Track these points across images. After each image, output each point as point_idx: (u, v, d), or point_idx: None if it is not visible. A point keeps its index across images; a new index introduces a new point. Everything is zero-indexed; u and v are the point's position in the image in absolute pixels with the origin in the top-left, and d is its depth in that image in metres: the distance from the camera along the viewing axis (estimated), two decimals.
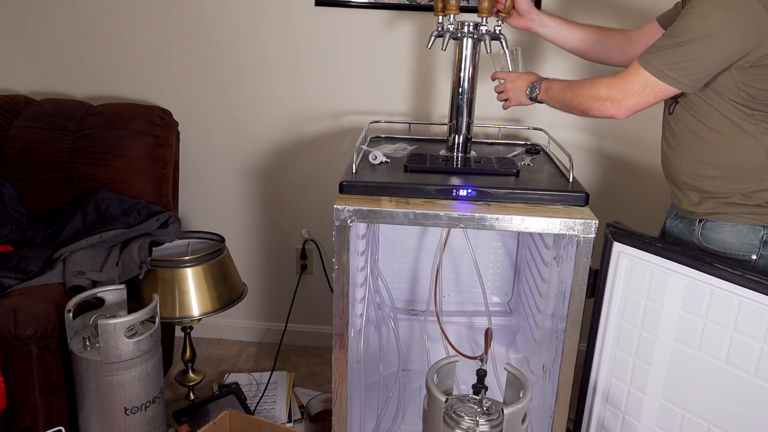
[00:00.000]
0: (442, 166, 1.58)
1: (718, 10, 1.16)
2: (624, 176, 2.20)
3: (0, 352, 1.55)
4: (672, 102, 1.37)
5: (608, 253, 1.37)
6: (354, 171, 1.48)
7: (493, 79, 1.63)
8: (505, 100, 1.60)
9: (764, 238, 1.28)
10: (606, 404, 1.46)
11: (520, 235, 1.95)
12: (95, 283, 1.71)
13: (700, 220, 1.35)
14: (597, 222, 1.33)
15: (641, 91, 1.26)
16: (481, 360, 1.25)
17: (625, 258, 1.35)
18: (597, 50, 1.64)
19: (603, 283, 1.39)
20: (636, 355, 1.37)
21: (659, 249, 1.28)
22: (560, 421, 1.48)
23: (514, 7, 1.62)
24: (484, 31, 1.58)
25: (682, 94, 1.31)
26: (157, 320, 1.64)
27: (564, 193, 1.41)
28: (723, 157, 1.29)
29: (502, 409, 1.16)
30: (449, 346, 1.78)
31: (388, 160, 1.60)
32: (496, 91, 1.62)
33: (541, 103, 1.51)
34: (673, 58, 1.21)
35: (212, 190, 2.36)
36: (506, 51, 1.61)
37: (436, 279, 1.79)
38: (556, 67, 2.10)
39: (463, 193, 1.41)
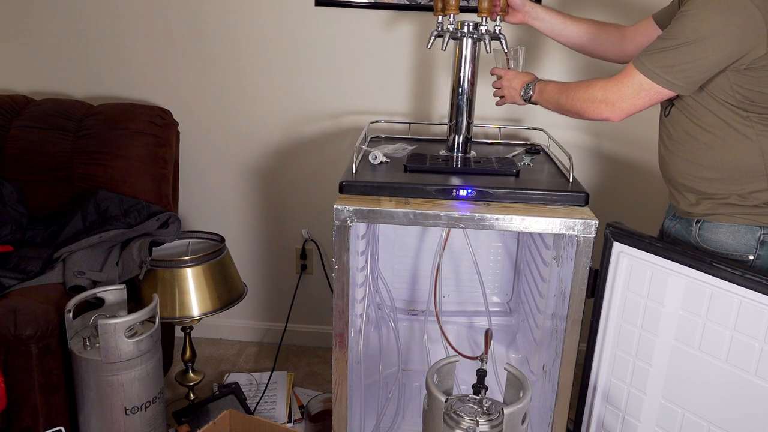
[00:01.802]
0: (442, 166, 1.58)
1: (714, 13, 1.16)
2: (624, 176, 2.20)
3: (0, 352, 1.55)
4: (668, 104, 1.37)
5: (608, 253, 1.37)
6: (354, 171, 1.48)
7: (492, 74, 1.63)
8: (501, 97, 1.61)
9: (761, 238, 1.28)
10: (606, 404, 1.46)
11: (520, 235, 1.95)
12: (95, 283, 1.71)
13: (698, 221, 1.34)
14: (597, 222, 1.33)
15: (636, 93, 1.26)
16: (481, 360, 1.25)
17: (625, 258, 1.35)
18: (592, 45, 1.64)
19: (603, 283, 1.39)
20: (636, 355, 1.37)
21: (659, 249, 1.28)
22: (560, 421, 1.48)
23: (508, 4, 1.62)
24: (483, 31, 1.58)
25: (677, 97, 1.31)
26: (157, 320, 1.64)
27: (564, 193, 1.41)
28: (719, 159, 1.29)
29: (502, 409, 1.16)
30: (449, 346, 1.78)
31: (388, 160, 1.60)
32: (493, 87, 1.62)
33: (535, 104, 1.51)
34: (668, 60, 1.21)
35: (212, 190, 2.36)
36: (507, 50, 1.60)
37: (436, 279, 1.79)
38: (556, 66, 2.10)
39: (463, 193, 1.41)
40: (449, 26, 1.60)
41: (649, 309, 1.33)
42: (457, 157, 1.67)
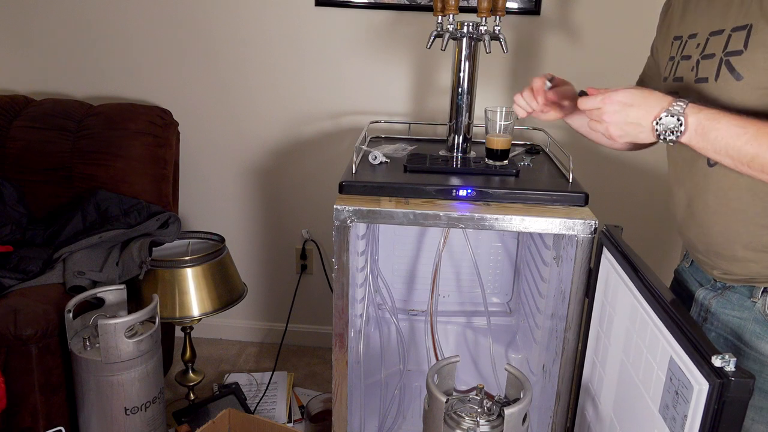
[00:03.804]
0: (441, 166, 1.58)
1: None
2: (624, 176, 2.20)
3: (0, 352, 1.55)
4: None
5: (599, 255, 1.36)
6: (354, 171, 1.48)
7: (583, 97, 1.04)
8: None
9: None
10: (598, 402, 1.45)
11: (520, 235, 1.95)
12: (95, 283, 1.71)
13: (766, 289, 0.97)
14: (596, 222, 1.33)
15: None
16: None
17: (605, 262, 1.31)
18: None
19: (594, 283, 1.38)
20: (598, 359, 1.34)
21: (622, 261, 1.19)
22: (560, 421, 1.48)
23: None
24: (483, 31, 1.58)
25: None
26: (157, 320, 1.64)
27: (564, 193, 1.41)
28: None
29: (503, 409, 1.16)
30: (440, 347, 1.79)
31: (388, 160, 1.60)
32: (590, 121, 1.03)
33: (683, 144, 0.94)
34: None
35: (212, 190, 2.36)
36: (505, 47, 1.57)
37: (434, 280, 1.80)
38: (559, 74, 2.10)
39: (462, 193, 1.41)
40: (449, 26, 1.60)
41: (607, 315, 1.28)
42: (457, 157, 1.67)
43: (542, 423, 1.58)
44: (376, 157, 1.58)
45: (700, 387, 0.86)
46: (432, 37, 1.63)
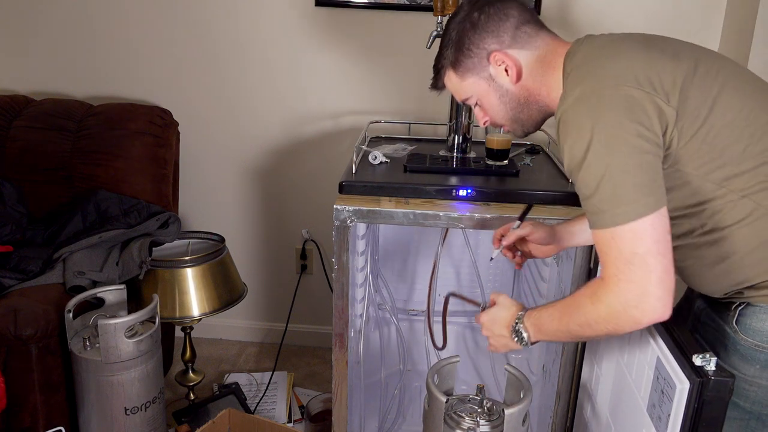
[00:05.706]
0: (441, 166, 1.58)
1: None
2: None
3: (0, 351, 1.55)
4: None
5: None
6: (354, 171, 1.48)
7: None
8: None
9: None
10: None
11: None
12: (95, 283, 1.71)
13: (740, 304, 1.01)
14: None
15: (638, 250, 0.87)
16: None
17: None
18: None
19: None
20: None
21: None
22: (560, 421, 1.48)
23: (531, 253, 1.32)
24: None
25: None
26: (157, 320, 1.64)
27: (564, 193, 1.41)
28: (739, 248, 0.98)
29: (503, 410, 1.16)
30: (439, 342, 1.79)
31: (388, 161, 1.60)
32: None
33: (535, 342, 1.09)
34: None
35: (212, 190, 2.36)
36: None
37: (432, 278, 1.79)
38: None
39: (462, 193, 1.41)
40: None
41: None
42: (457, 157, 1.67)
43: (542, 423, 1.58)
44: (376, 157, 1.58)
45: (682, 386, 0.86)
46: (432, 37, 1.63)
